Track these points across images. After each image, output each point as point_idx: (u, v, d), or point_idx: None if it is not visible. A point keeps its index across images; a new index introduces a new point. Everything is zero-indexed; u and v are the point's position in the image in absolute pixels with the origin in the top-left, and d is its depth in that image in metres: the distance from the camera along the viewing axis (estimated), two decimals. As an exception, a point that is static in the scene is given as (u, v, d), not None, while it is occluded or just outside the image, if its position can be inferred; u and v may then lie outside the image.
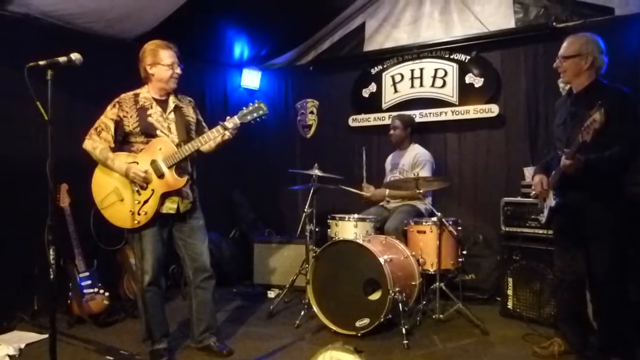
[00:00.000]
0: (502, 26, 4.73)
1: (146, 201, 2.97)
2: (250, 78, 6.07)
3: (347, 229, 4.10)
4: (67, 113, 4.01)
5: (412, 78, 5.19)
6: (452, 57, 4.96)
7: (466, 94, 4.88)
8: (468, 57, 4.88)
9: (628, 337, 2.92)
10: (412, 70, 5.19)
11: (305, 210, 4.20)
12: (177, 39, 3.19)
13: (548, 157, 3.21)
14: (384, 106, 5.35)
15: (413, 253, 3.87)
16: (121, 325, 3.86)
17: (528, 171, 4.26)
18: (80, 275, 3.84)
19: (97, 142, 3.01)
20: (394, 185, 4.42)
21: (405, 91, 5.23)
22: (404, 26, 5.32)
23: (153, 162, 2.97)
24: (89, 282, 3.86)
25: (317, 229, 4.24)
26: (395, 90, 5.29)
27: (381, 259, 3.48)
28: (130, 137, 3.04)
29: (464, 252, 4.00)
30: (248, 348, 3.36)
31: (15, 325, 3.74)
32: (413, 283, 3.74)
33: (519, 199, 4.06)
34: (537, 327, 3.56)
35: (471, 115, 4.82)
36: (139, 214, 2.96)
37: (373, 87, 5.45)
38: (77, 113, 4.08)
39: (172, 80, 3.05)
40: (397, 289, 3.45)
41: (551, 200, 2.96)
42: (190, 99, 3.29)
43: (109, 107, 3.06)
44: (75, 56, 2.34)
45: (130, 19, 4.33)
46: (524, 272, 3.85)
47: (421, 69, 5.14)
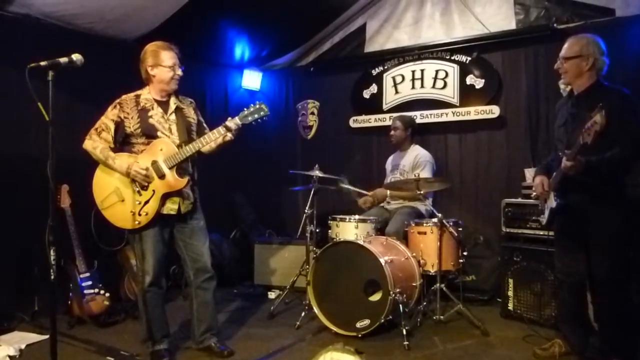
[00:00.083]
0: (503, 27, 4.74)
1: (147, 202, 2.97)
2: (251, 79, 6.07)
3: (348, 230, 4.10)
4: (67, 114, 4.00)
5: (413, 79, 5.19)
6: (453, 58, 4.96)
7: (467, 95, 4.88)
8: (469, 58, 4.88)
9: (629, 338, 2.92)
10: (413, 72, 5.18)
11: (305, 211, 4.20)
12: (177, 40, 3.19)
13: (549, 158, 3.21)
14: (385, 107, 5.35)
15: (414, 254, 3.86)
16: (122, 325, 3.86)
17: (529, 172, 4.27)
18: (81, 275, 3.85)
19: (97, 142, 3.01)
20: (395, 186, 4.42)
21: (406, 92, 5.23)
22: (405, 27, 5.32)
23: (154, 163, 2.97)
24: (89, 282, 3.86)
25: (317, 230, 4.24)
26: (396, 92, 5.29)
27: (382, 260, 3.48)
28: (131, 138, 3.04)
29: (465, 253, 4.00)
30: (248, 349, 3.36)
31: (15, 325, 3.74)
32: (414, 284, 3.74)
33: (519, 200, 4.07)
34: (538, 328, 3.55)
35: (472, 117, 4.82)
36: (140, 214, 2.96)
37: (374, 88, 5.44)
38: (78, 114, 4.08)
39: (173, 81, 3.05)
40: (398, 290, 3.45)
41: (552, 202, 2.96)
42: (191, 100, 3.29)
43: (110, 108, 3.06)
44: (76, 57, 2.35)
45: (131, 20, 4.33)
46: (524, 273, 3.85)
47: (422, 70, 5.13)
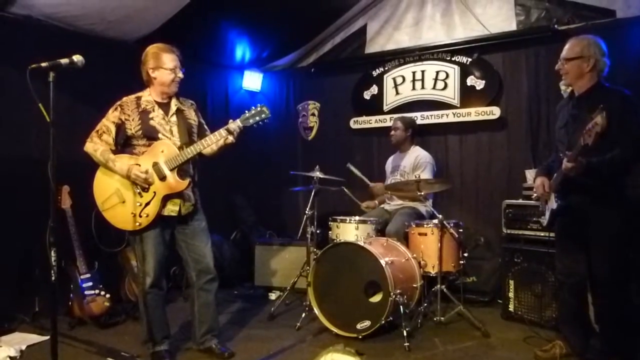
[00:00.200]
0: (504, 28, 4.73)
1: (148, 203, 2.96)
2: (252, 80, 6.07)
3: (348, 231, 4.10)
4: (68, 115, 4.01)
5: (414, 80, 5.18)
6: (453, 59, 4.96)
7: (467, 96, 4.88)
8: (469, 60, 4.88)
9: (629, 339, 2.92)
10: (414, 73, 5.18)
11: (306, 212, 4.19)
12: (178, 41, 3.19)
13: (549, 159, 3.21)
14: (385, 108, 5.35)
15: (414, 255, 3.86)
16: (122, 327, 3.86)
17: (529, 173, 4.26)
18: (82, 276, 3.85)
19: (98, 144, 3.01)
20: (395, 187, 4.41)
21: (407, 93, 5.23)
22: (406, 28, 5.32)
23: (155, 165, 2.97)
24: (90, 283, 3.86)
25: (318, 231, 4.24)
26: (397, 93, 5.29)
27: (382, 261, 3.48)
28: (132, 140, 3.04)
29: (465, 255, 4.00)
30: (249, 350, 3.36)
31: (16, 326, 3.74)
32: (414, 285, 3.74)
33: (520, 201, 4.07)
34: (539, 329, 3.55)
35: (472, 118, 4.82)
36: (141, 216, 2.96)
37: (374, 89, 5.44)
38: (79, 115, 4.08)
39: (174, 84, 3.06)
40: (398, 291, 3.45)
41: (553, 203, 2.96)
42: (192, 101, 3.29)
43: (111, 110, 3.06)
44: (77, 58, 2.35)
45: (132, 21, 4.33)
46: (525, 275, 3.85)
47: (422, 71, 5.13)
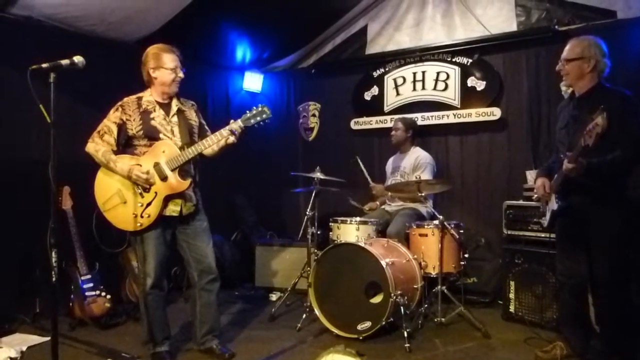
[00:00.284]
0: (504, 29, 4.74)
1: (149, 204, 2.96)
2: (253, 81, 6.07)
3: (349, 231, 4.10)
4: (69, 116, 4.01)
5: (414, 81, 5.19)
6: (454, 60, 4.96)
7: (468, 97, 4.88)
8: (470, 60, 4.88)
9: (629, 339, 2.91)
10: (414, 73, 5.18)
11: (307, 213, 4.19)
12: (179, 42, 3.19)
13: (550, 160, 3.21)
14: (386, 109, 5.35)
15: (415, 256, 3.86)
16: (123, 327, 3.86)
17: (530, 174, 4.26)
18: (82, 277, 3.85)
19: (100, 145, 3.01)
20: (396, 188, 4.41)
21: (407, 94, 5.23)
22: (406, 29, 5.32)
23: (156, 165, 2.97)
24: (90, 284, 3.86)
25: (318, 232, 4.24)
26: (397, 93, 5.29)
27: (383, 262, 3.48)
28: (133, 140, 3.04)
29: (466, 256, 4.00)
30: (250, 351, 3.36)
31: (16, 327, 3.74)
32: (415, 286, 3.74)
33: (521, 202, 4.07)
34: (539, 330, 3.55)
35: (473, 119, 4.82)
36: (142, 216, 2.96)
37: (375, 90, 5.44)
38: (80, 116, 4.08)
39: (174, 84, 3.06)
40: (399, 292, 3.45)
41: (553, 204, 2.96)
42: (193, 102, 3.29)
43: (112, 111, 3.06)
44: (77, 59, 2.35)
45: (133, 22, 4.34)
46: (526, 276, 3.84)
47: (423, 72, 5.14)
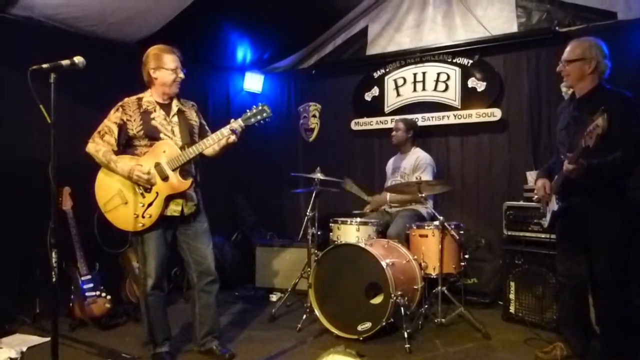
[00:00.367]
0: (505, 30, 4.74)
1: (150, 204, 2.96)
2: (253, 82, 6.07)
3: (349, 232, 4.10)
4: (69, 116, 4.00)
5: (415, 82, 5.19)
6: (454, 61, 4.96)
7: (468, 98, 4.88)
8: (470, 61, 4.88)
9: (629, 340, 2.91)
10: (415, 74, 5.18)
11: (307, 213, 4.19)
12: (179, 43, 3.20)
13: (550, 161, 3.21)
14: (387, 110, 5.35)
15: (415, 257, 3.86)
16: (123, 328, 3.86)
17: (530, 175, 4.26)
18: (82, 278, 3.84)
19: (100, 145, 3.01)
20: (396, 189, 4.41)
21: (408, 95, 5.23)
22: (407, 30, 5.32)
23: (157, 165, 2.97)
24: (90, 285, 3.86)
25: (319, 233, 4.24)
26: (398, 94, 5.29)
27: (383, 263, 3.48)
28: (134, 140, 3.04)
29: (466, 256, 4.00)
30: (250, 351, 3.35)
31: (17, 328, 3.74)
32: (415, 287, 3.73)
33: (521, 203, 4.06)
34: (540, 331, 3.56)
35: (473, 119, 4.82)
36: (144, 216, 2.96)
37: (375, 90, 5.44)
38: (80, 116, 4.08)
39: (175, 84, 3.06)
40: (399, 292, 3.45)
41: (554, 205, 2.96)
42: (193, 103, 3.29)
43: (113, 111, 3.06)
44: (78, 59, 2.35)
45: (133, 23, 4.34)
46: (526, 277, 3.84)
47: (424, 73, 5.14)
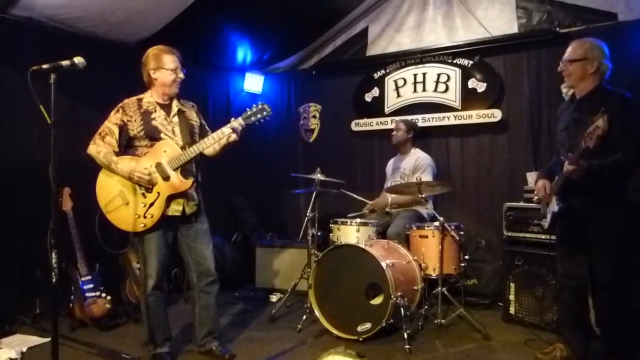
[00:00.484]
0: (505, 31, 4.74)
1: (152, 204, 2.96)
2: (253, 82, 6.07)
3: (349, 233, 4.09)
4: (69, 117, 4.01)
5: (415, 83, 5.19)
6: (454, 62, 4.96)
7: (469, 98, 4.88)
8: (471, 62, 4.88)
9: (630, 342, 2.91)
10: (415, 75, 5.19)
11: (307, 214, 4.20)
12: (180, 43, 3.20)
13: (551, 162, 3.21)
14: (387, 111, 5.35)
15: (415, 258, 3.86)
16: (123, 328, 3.86)
17: (531, 176, 4.26)
18: (83, 278, 3.85)
19: (101, 147, 3.01)
20: (396, 189, 4.40)
21: (408, 96, 5.24)
22: (407, 31, 5.33)
23: (158, 165, 2.97)
24: (91, 285, 3.86)
25: (319, 233, 4.24)
26: (398, 95, 5.30)
27: (383, 264, 3.48)
28: (134, 141, 3.05)
29: (466, 257, 4.00)
30: (250, 352, 3.36)
31: (17, 328, 3.74)
32: (415, 288, 3.73)
33: (521, 204, 4.06)
34: (539, 332, 3.55)
35: (474, 120, 4.82)
36: (145, 216, 2.96)
37: (376, 91, 5.45)
38: (80, 117, 4.09)
39: (175, 84, 3.06)
40: (399, 293, 3.45)
41: (554, 206, 2.96)
42: (193, 103, 3.29)
43: (113, 112, 3.06)
44: (78, 60, 2.35)
45: (133, 23, 4.34)
46: (526, 278, 3.84)
47: (424, 74, 5.14)
